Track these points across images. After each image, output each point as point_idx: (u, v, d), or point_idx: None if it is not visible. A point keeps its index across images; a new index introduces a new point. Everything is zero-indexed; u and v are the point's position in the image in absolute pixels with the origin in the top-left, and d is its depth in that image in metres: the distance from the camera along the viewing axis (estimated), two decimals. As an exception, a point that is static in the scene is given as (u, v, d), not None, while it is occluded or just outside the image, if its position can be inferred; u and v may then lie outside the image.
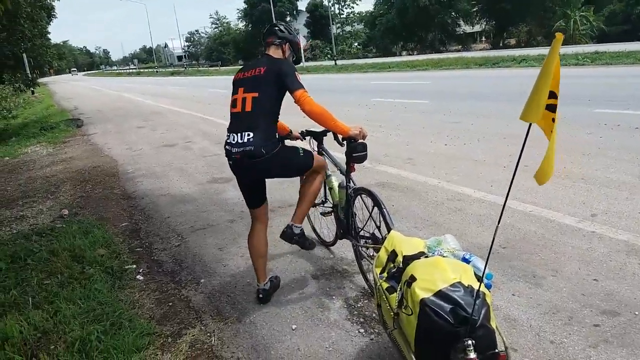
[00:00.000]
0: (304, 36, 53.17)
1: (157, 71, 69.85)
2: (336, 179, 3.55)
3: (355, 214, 3.37)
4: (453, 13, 47.93)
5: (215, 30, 76.93)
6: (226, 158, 3.03)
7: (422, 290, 1.88)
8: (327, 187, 3.66)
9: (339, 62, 38.59)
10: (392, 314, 2.07)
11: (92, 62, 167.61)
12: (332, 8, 65.32)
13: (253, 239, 3.26)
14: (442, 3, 46.19)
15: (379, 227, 3.12)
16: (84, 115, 18.25)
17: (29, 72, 24.32)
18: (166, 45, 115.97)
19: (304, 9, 66.19)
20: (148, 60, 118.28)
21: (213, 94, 20.47)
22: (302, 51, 41.68)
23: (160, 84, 35.46)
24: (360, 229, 3.34)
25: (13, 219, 5.67)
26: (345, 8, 66.84)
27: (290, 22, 64.50)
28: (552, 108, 1.56)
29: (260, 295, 3.25)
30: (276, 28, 3.19)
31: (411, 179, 5.70)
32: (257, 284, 3.29)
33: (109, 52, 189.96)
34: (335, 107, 12.14)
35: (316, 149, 3.63)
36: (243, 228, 4.68)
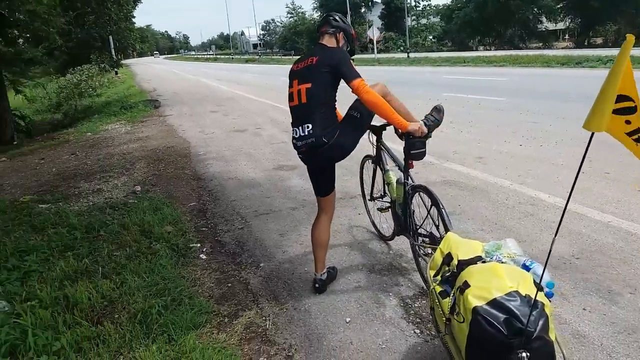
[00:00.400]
0: (378, 28, 52.39)
1: (232, 58, 71.77)
2: (394, 175, 3.46)
3: (414, 211, 3.29)
4: (535, 9, 45.52)
5: (291, 19, 77.69)
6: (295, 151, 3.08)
7: (475, 298, 1.79)
8: (385, 182, 3.57)
9: (412, 55, 37.83)
10: (444, 318, 2.00)
11: (172, 47, 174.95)
12: (409, 0, 64.12)
13: (316, 229, 3.24)
14: (524, -2, 44.06)
15: (437, 226, 3.02)
16: (161, 97, 19.07)
17: (114, 53, 25.75)
18: (242, 33, 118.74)
19: (379, 1, 65.36)
20: (225, 47, 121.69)
21: (285, 82, 20.70)
22: (372, 42, 41.31)
23: (235, 71, 36.39)
24: (418, 227, 3.26)
25: (90, 192, 6.02)
26: (422, 1, 65.36)
27: (365, 14, 64.03)
28: (622, 111, 1.45)
29: (317, 285, 3.24)
30: (330, 17, 3.15)
31: (481, 178, 5.48)
32: (314, 273, 3.29)
33: (188, 38, 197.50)
34: (404, 101, 11.94)
35: (375, 143, 3.58)
36: (304, 216, 4.70)
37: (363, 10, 63.86)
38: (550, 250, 1.69)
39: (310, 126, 2.89)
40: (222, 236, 4.39)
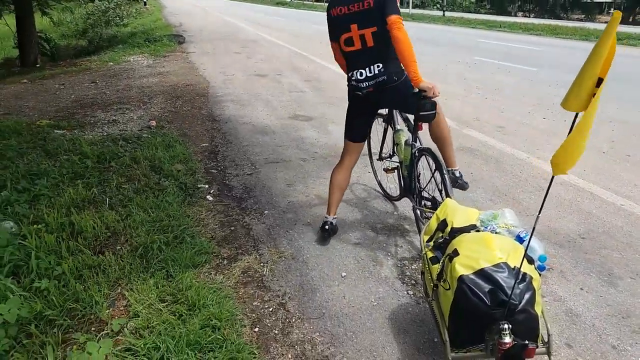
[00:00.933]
0: (416, -19, 50.46)
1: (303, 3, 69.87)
2: (404, 136, 3.42)
3: (419, 174, 3.31)
4: (581, -23, 43.31)
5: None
6: (351, 93, 3.12)
7: (462, 267, 1.83)
8: (394, 142, 3.53)
9: (448, 14, 36.53)
10: (432, 284, 2.04)
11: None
12: (450, -45, 61.34)
13: (339, 173, 3.33)
14: (573, -35, 41.85)
15: (440, 191, 3.03)
16: (186, 32, 18.80)
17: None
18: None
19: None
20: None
21: (315, 30, 20.16)
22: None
23: (264, 13, 35.55)
24: (421, 190, 3.30)
25: (106, 122, 6.05)
26: (464, -43, 62.48)
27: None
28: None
29: (327, 227, 3.26)
30: None
31: (498, 148, 5.37)
32: (326, 216, 3.32)
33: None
34: (432, 60, 11.66)
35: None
36: (314, 168, 4.68)
37: (401, -38, 61.31)
38: (534, 225, 1.70)
39: (381, 65, 2.93)
40: (230, 180, 4.40)
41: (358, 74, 2.98)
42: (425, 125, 3.14)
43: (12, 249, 2.81)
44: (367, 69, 2.95)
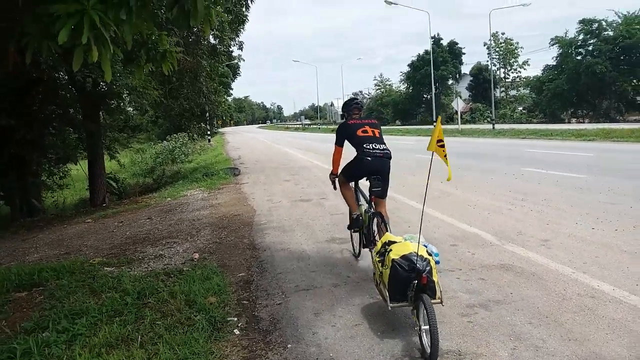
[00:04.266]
0: (464, 99, 52.22)
1: (319, 127, 74.28)
2: (364, 206, 5.34)
3: (375, 231, 5.13)
4: (635, 81, 43.29)
5: (378, 91, 79.84)
6: (367, 157, 4.94)
7: (393, 254, 3.63)
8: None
9: (498, 127, 37.10)
10: (378, 273, 3.85)
11: (266, 116, 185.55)
12: (498, 72, 63.81)
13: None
14: (622, 70, 42.14)
15: (382, 232, 4.86)
16: (243, 165, 20.06)
17: (207, 123, 27.73)
18: (332, 104, 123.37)
19: (467, 72, 65.73)
20: (314, 117, 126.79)
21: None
22: (458, 113, 41.17)
23: (317, 140, 37.48)
24: (374, 237, 5.06)
25: (152, 257, 6.35)
26: (512, 72, 64.84)
27: (452, 85, 64.34)
28: (440, 144, 3.30)
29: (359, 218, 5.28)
30: (359, 102, 5.58)
31: (541, 264, 5.12)
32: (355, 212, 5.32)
33: (282, 108, 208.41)
34: (477, 174, 11.66)
35: (353, 186, 5.51)
36: (344, 294, 4.62)
37: (450, 82, 64.32)
38: (420, 228, 3.54)
39: (385, 146, 5.04)
40: (259, 311, 4.40)
41: (371, 146, 5.04)
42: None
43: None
44: (378, 145, 5.08)
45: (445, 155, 3.28)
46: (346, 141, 5.22)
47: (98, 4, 2.95)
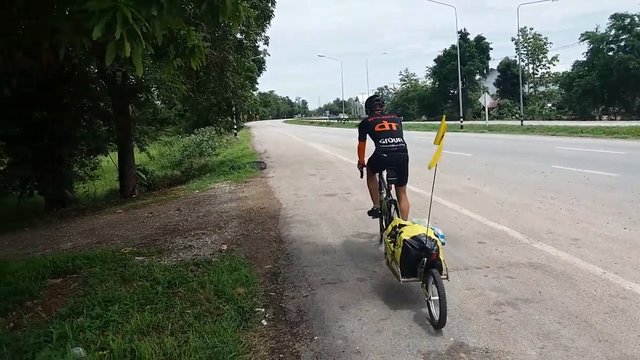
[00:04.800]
0: (491, 95, 51.39)
1: (344, 122, 74.09)
2: (385, 194, 5.87)
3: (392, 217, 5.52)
4: (670, 76, 41.91)
5: (403, 86, 79.17)
6: (383, 154, 5.48)
7: (405, 235, 4.09)
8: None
9: (527, 123, 36.43)
10: (390, 252, 4.37)
11: (291, 110, 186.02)
12: (527, 68, 62.55)
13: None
14: (656, 65, 40.86)
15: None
16: (269, 159, 20.19)
17: (234, 117, 27.97)
18: (357, 99, 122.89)
19: (495, 68, 64.62)
20: (339, 111, 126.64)
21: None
22: (486, 109, 40.56)
23: (342, 135, 37.38)
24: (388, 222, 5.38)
25: (182, 248, 6.48)
26: (541, 68, 63.44)
27: (480, 81, 63.37)
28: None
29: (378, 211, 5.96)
30: (380, 99, 6.21)
31: (571, 263, 5.05)
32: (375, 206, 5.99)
33: (306, 103, 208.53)
34: (505, 172, 11.50)
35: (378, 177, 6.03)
36: (369, 288, 4.65)
37: (478, 77, 63.36)
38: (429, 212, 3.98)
39: (400, 139, 5.56)
40: (286, 303, 4.46)
41: (386, 140, 5.56)
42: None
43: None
44: (393, 139, 5.58)
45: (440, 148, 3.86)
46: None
47: (130, 1, 3.02)
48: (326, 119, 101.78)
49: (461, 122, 40.02)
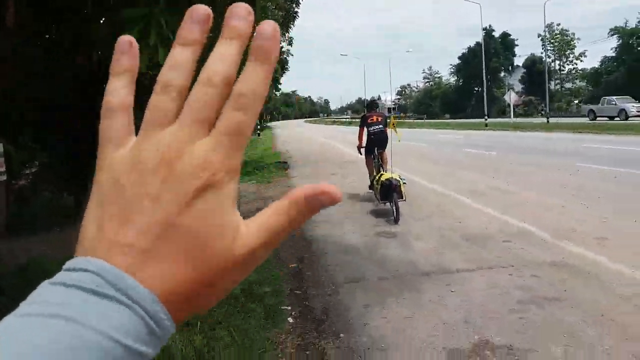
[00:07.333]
0: (517, 92, 50.75)
1: (365, 121, 73.84)
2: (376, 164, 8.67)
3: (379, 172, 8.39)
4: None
5: (427, 84, 78.81)
6: (371, 136, 8.70)
7: (383, 178, 7.47)
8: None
9: (553, 120, 35.84)
10: (376, 187, 7.73)
11: (313, 110, 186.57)
12: (553, 64, 61.56)
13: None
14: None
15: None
16: (292, 158, 20.33)
17: (257, 117, 28.18)
18: (379, 97, 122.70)
19: (520, 65, 63.79)
20: (361, 110, 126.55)
21: (411, 147, 20.67)
22: (511, 106, 40.07)
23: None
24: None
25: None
26: (567, 64, 62.36)
27: (505, 78, 62.68)
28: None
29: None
30: (375, 102, 10.16)
31: (597, 262, 5.01)
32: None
33: (328, 102, 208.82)
34: (529, 169, 11.43)
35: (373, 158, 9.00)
36: (392, 287, 4.70)
37: (502, 74, 62.65)
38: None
39: (381, 126, 8.67)
40: (311, 301, 4.55)
41: (372, 127, 8.75)
42: None
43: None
44: (377, 126, 8.70)
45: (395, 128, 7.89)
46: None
47: (163, 8, 3.14)
48: (347, 119, 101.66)
49: (485, 120, 39.64)
